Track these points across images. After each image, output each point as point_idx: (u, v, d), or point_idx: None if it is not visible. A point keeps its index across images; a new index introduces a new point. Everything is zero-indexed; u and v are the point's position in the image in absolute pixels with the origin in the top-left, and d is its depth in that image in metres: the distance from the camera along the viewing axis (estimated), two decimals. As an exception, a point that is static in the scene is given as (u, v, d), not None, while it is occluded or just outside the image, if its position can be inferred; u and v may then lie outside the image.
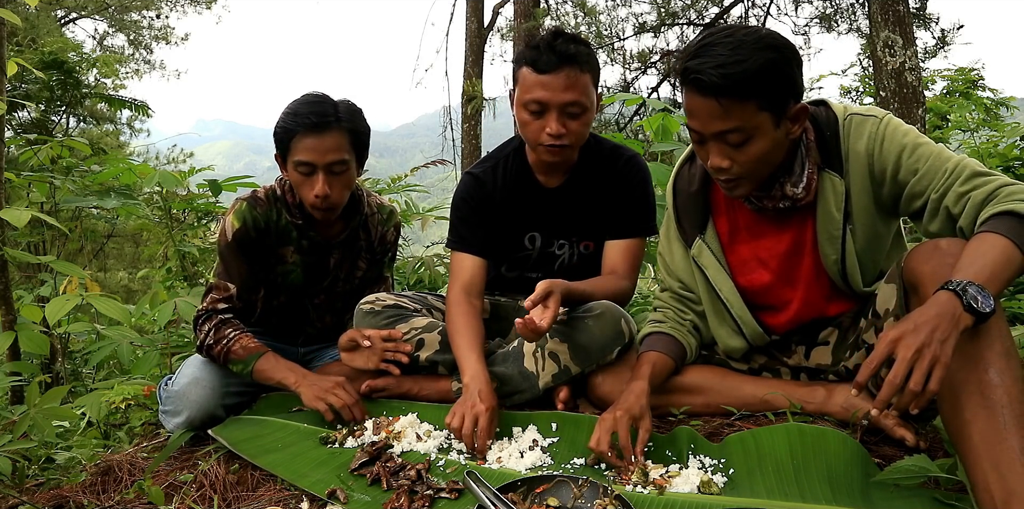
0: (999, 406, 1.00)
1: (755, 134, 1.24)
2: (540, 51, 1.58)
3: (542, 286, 1.46)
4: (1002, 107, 5.10)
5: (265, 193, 1.80)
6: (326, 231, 1.85)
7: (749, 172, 1.30)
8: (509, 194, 1.82)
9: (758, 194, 1.39)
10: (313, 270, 1.87)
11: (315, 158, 1.63)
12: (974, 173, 1.22)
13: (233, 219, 1.74)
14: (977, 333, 1.04)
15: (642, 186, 1.80)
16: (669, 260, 1.63)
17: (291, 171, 1.68)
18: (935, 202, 1.25)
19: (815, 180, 1.36)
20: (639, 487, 1.23)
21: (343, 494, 1.28)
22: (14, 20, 2.07)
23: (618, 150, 1.82)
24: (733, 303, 1.51)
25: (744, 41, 1.19)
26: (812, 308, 1.49)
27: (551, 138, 1.62)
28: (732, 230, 1.52)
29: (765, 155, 1.28)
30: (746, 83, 1.18)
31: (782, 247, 1.46)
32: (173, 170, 3.25)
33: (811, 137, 1.37)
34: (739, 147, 1.26)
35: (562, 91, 1.58)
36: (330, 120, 1.64)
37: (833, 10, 8.09)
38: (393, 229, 2.00)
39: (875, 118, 1.33)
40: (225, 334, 1.69)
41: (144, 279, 5.98)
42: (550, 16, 8.84)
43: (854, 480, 1.16)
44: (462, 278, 1.76)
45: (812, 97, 1.53)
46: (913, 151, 1.28)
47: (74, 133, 9.46)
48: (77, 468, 1.66)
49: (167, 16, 16.01)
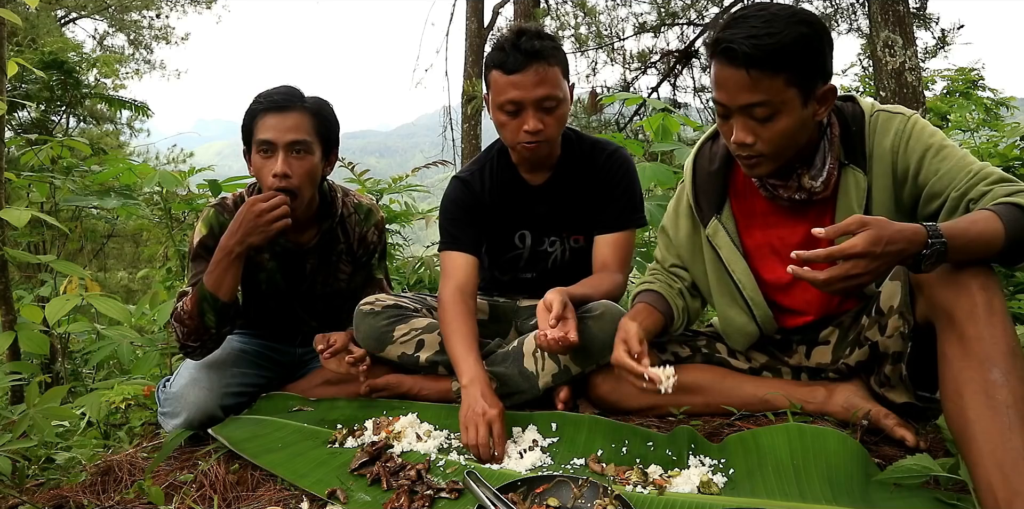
0: (1003, 406, 0.99)
1: (782, 109, 1.23)
2: (506, 52, 1.59)
3: (556, 301, 1.44)
4: (1002, 107, 5.10)
5: (234, 199, 1.79)
6: (296, 238, 1.81)
7: (772, 150, 1.28)
8: (497, 195, 1.83)
9: (774, 183, 1.39)
10: (290, 275, 1.85)
11: (275, 136, 1.63)
12: (1002, 177, 1.21)
13: (201, 225, 1.75)
14: (981, 332, 1.04)
15: (627, 179, 1.80)
16: (673, 235, 1.61)
17: (253, 156, 1.68)
18: (955, 200, 1.23)
19: (835, 176, 1.36)
20: (639, 487, 1.23)
21: (343, 494, 1.28)
22: (14, 20, 2.07)
23: (600, 145, 1.83)
24: (746, 284, 1.49)
25: (778, 15, 1.20)
26: (827, 307, 1.49)
27: (530, 135, 1.63)
28: (748, 214, 1.51)
29: (790, 133, 1.26)
30: (777, 55, 1.18)
31: (796, 238, 1.45)
32: (173, 170, 3.24)
33: (835, 132, 1.36)
34: (764, 122, 1.25)
35: (534, 88, 1.59)
36: (294, 100, 1.65)
37: (833, 10, 8.09)
38: (374, 228, 1.93)
39: (903, 116, 1.33)
40: (177, 314, 1.66)
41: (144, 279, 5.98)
42: (550, 16, 8.84)
43: (854, 480, 1.16)
44: (455, 277, 1.74)
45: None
46: (938, 152, 1.28)
47: (74, 133, 9.46)
48: (77, 468, 1.66)
49: (167, 16, 16.03)
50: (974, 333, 1.05)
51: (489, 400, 1.44)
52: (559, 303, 1.44)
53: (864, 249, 1.01)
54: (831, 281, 1.04)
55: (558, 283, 1.61)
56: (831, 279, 1.04)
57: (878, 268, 1.03)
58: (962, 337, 1.06)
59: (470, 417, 1.41)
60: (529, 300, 1.95)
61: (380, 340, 1.73)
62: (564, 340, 1.39)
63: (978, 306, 1.06)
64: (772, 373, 1.60)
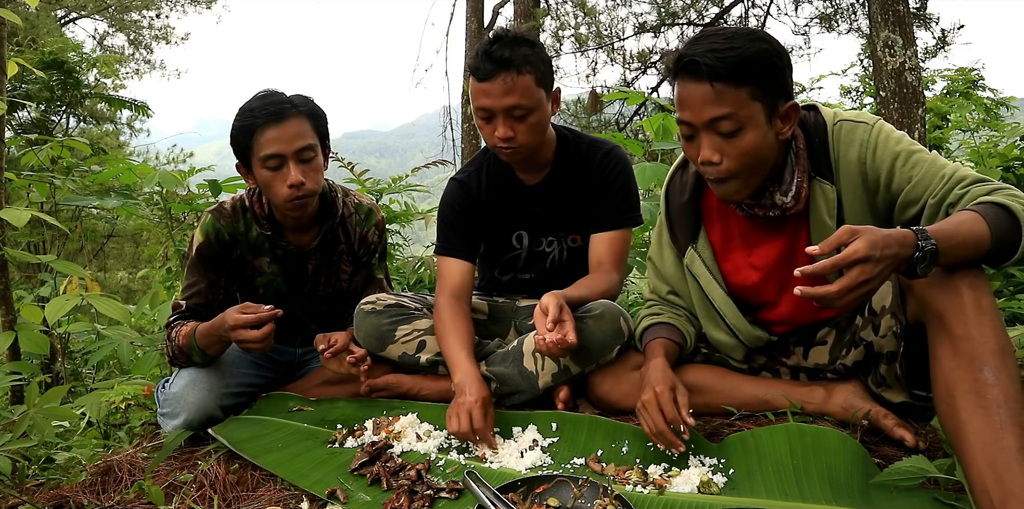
0: (995, 406, 0.99)
1: (747, 124, 1.24)
2: (479, 59, 1.60)
3: (552, 304, 1.45)
4: (1002, 107, 5.10)
5: (232, 204, 1.78)
6: (298, 239, 1.82)
7: (739, 168, 1.27)
8: (494, 195, 1.83)
9: (749, 202, 1.39)
10: (292, 278, 1.85)
11: (282, 148, 1.60)
12: (976, 179, 1.21)
13: (198, 233, 1.74)
14: (971, 332, 1.04)
15: (622, 178, 1.80)
16: (660, 265, 1.63)
17: (258, 171, 1.64)
18: (933, 207, 1.23)
19: (804, 189, 1.35)
20: (639, 487, 1.23)
21: (343, 494, 1.28)
22: (14, 20, 2.07)
23: (596, 144, 1.83)
24: (727, 312, 1.50)
25: (738, 33, 1.23)
26: (804, 310, 1.49)
27: (501, 141, 1.64)
28: (726, 238, 1.51)
29: (755, 150, 1.26)
30: (740, 67, 1.20)
31: (776, 254, 1.45)
32: (173, 170, 3.24)
33: (801, 145, 1.36)
34: (730, 138, 1.25)
35: (501, 96, 1.59)
36: (287, 107, 1.63)
37: (833, 10, 8.08)
38: (375, 228, 1.93)
39: (866, 124, 1.32)
40: (170, 338, 1.69)
41: (144, 279, 5.99)
42: (550, 16, 8.84)
43: (854, 480, 1.16)
44: (450, 283, 1.77)
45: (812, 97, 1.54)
46: (907, 159, 1.27)
47: (74, 133, 9.46)
48: (77, 468, 1.66)
49: (167, 16, 16.01)
50: (964, 333, 1.05)
51: (472, 390, 1.46)
52: (555, 306, 1.44)
53: (867, 253, 0.99)
54: (843, 292, 1.00)
55: (557, 283, 1.61)
56: (843, 290, 1.00)
57: (882, 272, 1.01)
58: (952, 337, 1.06)
59: (452, 408, 1.45)
60: (528, 300, 1.95)
61: (382, 339, 1.73)
62: (563, 342, 1.39)
63: (967, 305, 1.06)
64: (771, 373, 1.60)
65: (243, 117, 1.63)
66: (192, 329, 1.66)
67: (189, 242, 1.78)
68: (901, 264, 1.03)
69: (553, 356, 1.47)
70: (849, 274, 1.00)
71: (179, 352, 1.69)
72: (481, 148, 1.92)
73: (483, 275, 2.03)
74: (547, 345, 1.40)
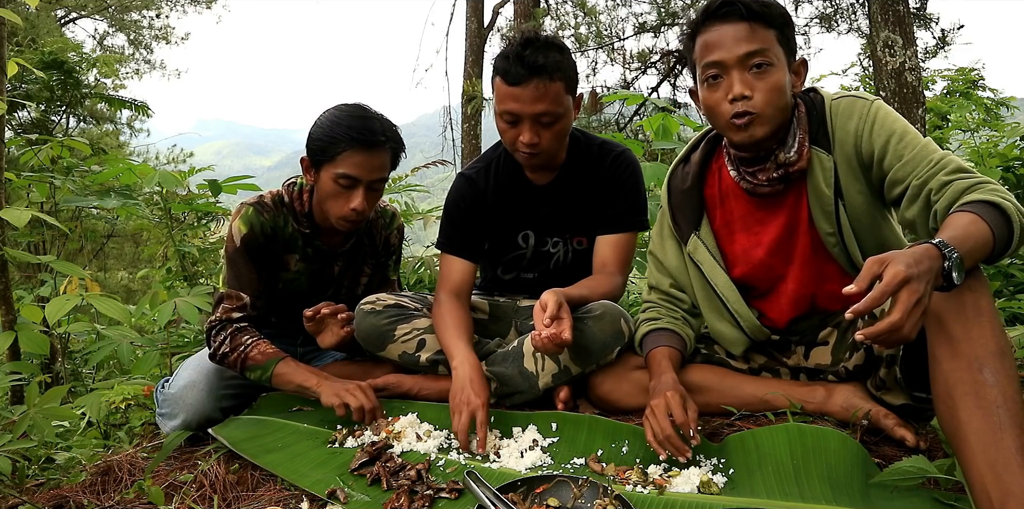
0: (994, 406, 1.00)
1: (775, 63, 1.32)
2: (510, 62, 1.58)
3: (551, 301, 1.45)
4: (1002, 107, 5.09)
5: (272, 198, 1.77)
6: (331, 240, 1.84)
7: (765, 105, 1.32)
8: (501, 193, 1.83)
9: (752, 169, 1.42)
10: (317, 278, 1.86)
11: (362, 174, 1.62)
12: (959, 167, 1.23)
13: (240, 224, 1.72)
14: (970, 333, 1.04)
15: (632, 181, 1.80)
16: (662, 257, 1.65)
17: (326, 181, 1.65)
18: (916, 188, 1.26)
19: (806, 147, 1.39)
20: (639, 487, 1.23)
21: (343, 494, 1.28)
22: (14, 20, 2.07)
23: (607, 146, 1.83)
24: (729, 297, 1.51)
25: None
26: (806, 288, 1.50)
27: (525, 147, 1.64)
28: (727, 222, 1.54)
29: (782, 89, 1.33)
30: (770, 11, 1.32)
31: (779, 229, 1.47)
32: (173, 170, 3.24)
33: (802, 110, 1.42)
34: (761, 75, 1.31)
35: (532, 103, 1.58)
36: (381, 140, 1.64)
37: (833, 10, 8.08)
38: (396, 231, 1.99)
39: (865, 100, 1.37)
40: (242, 341, 1.67)
41: (144, 279, 5.98)
42: (550, 16, 8.84)
43: (854, 480, 1.16)
44: (451, 281, 1.77)
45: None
46: (902, 138, 1.31)
47: (74, 133, 9.46)
48: (77, 468, 1.66)
49: (167, 16, 16.04)
50: (963, 334, 1.05)
51: (476, 388, 1.47)
52: (554, 303, 1.44)
53: (907, 273, 0.97)
54: (904, 316, 0.96)
55: (560, 284, 1.61)
56: (904, 315, 0.96)
57: (927, 288, 0.99)
58: (950, 338, 1.06)
59: (460, 401, 1.46)
60: (530, 300, 1.95)
61: (381, 339, 1.73)
62: (556, 338, 1.39)
63: (966, 306, 1.06)
64: (771, 374, 1.61)
65: (334, 129, 1.62)
66: (275, 358, 1.65)
67: (228, 234, 1.76)
68: (937, 277, 1.01)
69: (548, 352, 1.47)
70: (900, 299, 0.98)
71: (239, 362, 1.66)
72: (492, 145, 1.91)
73: (486, 273, 2.03)
74: (541, 340, 1.40)
